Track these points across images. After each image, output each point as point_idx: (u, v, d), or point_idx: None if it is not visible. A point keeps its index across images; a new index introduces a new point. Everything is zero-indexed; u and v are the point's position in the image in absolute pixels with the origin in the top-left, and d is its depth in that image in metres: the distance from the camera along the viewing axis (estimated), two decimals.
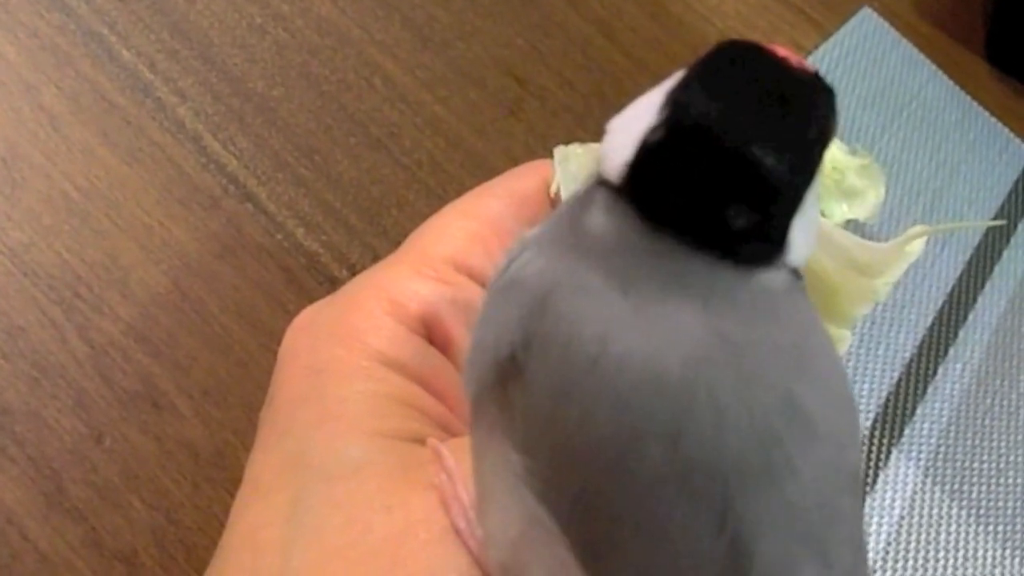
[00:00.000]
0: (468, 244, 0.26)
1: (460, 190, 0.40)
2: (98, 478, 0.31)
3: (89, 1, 0.39)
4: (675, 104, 0.17)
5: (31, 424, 0.31)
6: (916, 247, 0.25)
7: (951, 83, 0.55)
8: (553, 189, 0.27)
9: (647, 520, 0.16)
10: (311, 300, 0.26)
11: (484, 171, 0.41)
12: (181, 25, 0.40)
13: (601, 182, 0.17)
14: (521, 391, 0.17)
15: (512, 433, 0.17)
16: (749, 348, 0.16)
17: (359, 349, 0.24)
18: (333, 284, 0.37)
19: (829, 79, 0.17)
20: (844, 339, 0.27)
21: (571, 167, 0.27)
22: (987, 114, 0.55)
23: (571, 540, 0.16)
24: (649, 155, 0.16)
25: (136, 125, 0.37)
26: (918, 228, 0.27)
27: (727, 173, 0.16)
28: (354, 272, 0.37)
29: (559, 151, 0.27)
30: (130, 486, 0.31)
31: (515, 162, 0.42)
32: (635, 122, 0.17)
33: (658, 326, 0.16)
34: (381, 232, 0.39)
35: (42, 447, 0.31)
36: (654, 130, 0.17)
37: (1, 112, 0.36)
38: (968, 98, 0.55)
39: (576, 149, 0.28)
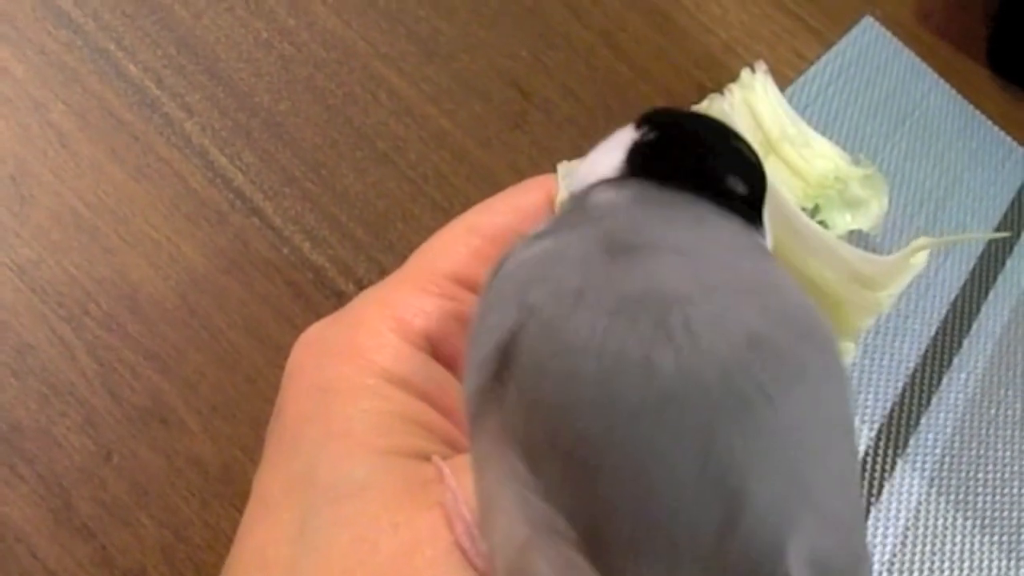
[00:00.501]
0: (472, 260, 0.26)
1: (466, 203, 0.41)
2: (107, 495, 0.31)
3: (96, 18, 0.40)
4: (650, 120, 0.22)
5: (40, 441, 0.31)
6: (920, 259, 0.25)
7: (953, 92, 0.55)
8: (557, 204, 0.27)
9: (632, 467, 0.16)
10: (318, 314, 0.26)
11: (490, 184, 0.41)
12: (187, 40, 0.40)
13: (586, 189, 0.21)
14: (514, 374, 0.17)
15: (511, 433, 0.17)
16: (723, 289, 0.17)
17: (364, 367, 0.24)
18: (340, 298, 0.37)
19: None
20: (848, 351, 0.27)
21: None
22: (989, 123, 0.55)
23: (577, 531, 0.16)
24: (647, 146, 0.21)
25: (144, 141, 0.38)
26: (921, 240, 0.27)
27: (724, 154, 0.21)
28: (360, 286, 0.37)
29: (563, 167, 0.28)
30: (139, 503, 0.31)
31: (520, 175, 0.42)
32: (599, 156, 0.22)
33: (633, 272, 0.17)
34: (387, 246, 0.39)
35: (51, 464, 0.31)
36: (645, 135, 0.21)
37: (9, 129, 0.36)
38: (970, 107, 0.55)
39: (579, 165, 0.28)
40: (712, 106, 0.26)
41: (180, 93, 0.39)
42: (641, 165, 0.21)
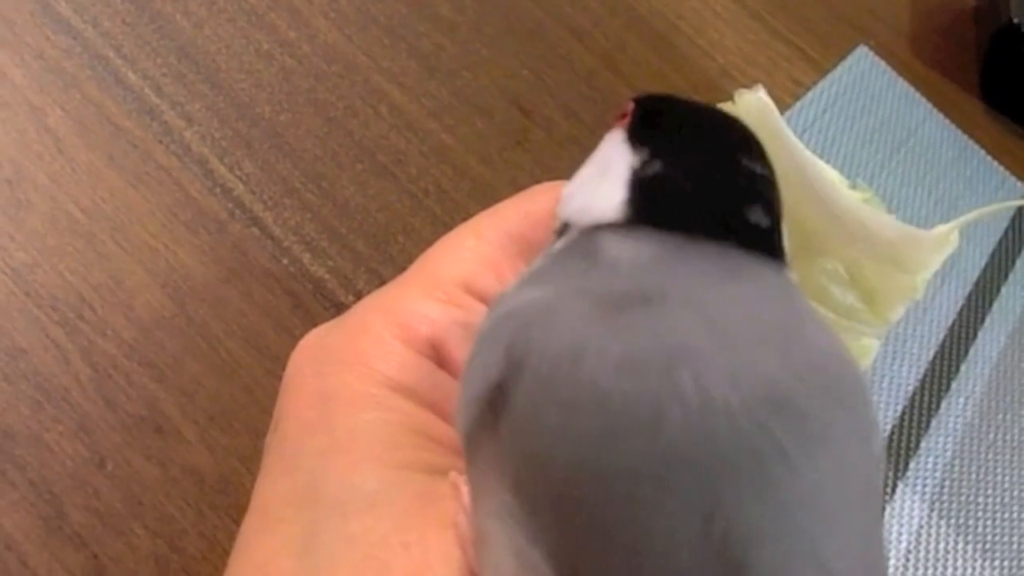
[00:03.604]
0: (479, 267, 0.25)
1: (467, 218, 0.40)
2: (100, 504, 0.30)
3: (96, 24, 0.39)
4: (647, 140, 0.20)
5: (32, 448, 0.31)
6: (955, 237, 0.25)
7: (947, 121, 0.56)
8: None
9: (628, 527, 0.15)
10: (317, 326, 0.25)
11: (491, 200, 0.40)
12: (188, 49, 0.40)
13: (589, 229, 0.19)
14: (507, 418, 0.16)
15: (502, 469, 0.17)
16: (740, 341, 0.16)
17: (367, 375, 0.23)
18: (339, 309, 0.36)
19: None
20: (871, 350, 0.26)
21: None
22: (983, 152, 0.55)
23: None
24: (652, 185, 0.19)
25: (142, 148, 0.37)
26: (949, 225, 0.26)
27: (739, 182, 0.19)
28: (360, 298, 0.37)
29: None
30: (133, 512, 0.31)
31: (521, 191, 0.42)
32: (596, 185, 0.20)
33: (640, 326, 0.16)
34: (388, 259, 0.38)
35: (43, 471, 0.30)
36: (645, 166, 0.19)
37: (7, 134, 0.36)
38: (964, 136, 0.55)
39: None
40: (743, 98, 0.26)
41: (180, 102, 0.39)
42: (648, 209, 0.19)
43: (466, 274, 0.25)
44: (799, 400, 0.15)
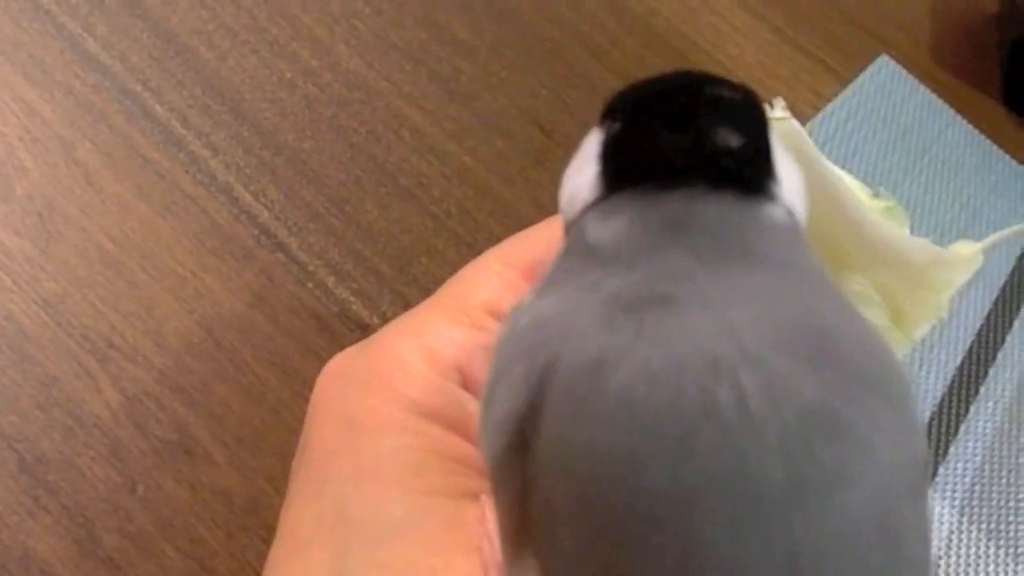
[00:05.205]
0: (505, 292, 0.25)
1: (489, 238, 0.41)
2: (132, 527, 0.31)
3: (124, 60, 0.40)
4: (613, 108, 0.18)
5: (65, 473, 0.31)
6: (979, 256, 0.25)
7: (970, 127, 0.55)
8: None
9: (676, 562, 0.14)
10: (343, 348, 0.26)
11: (512, 220, 0.42)
12: (213, 81, 0.41)
13: (578, 219, 0.18)
14: (535, 447, 0.16)
15: (528, 507, 0.16)
16: (765, 342, 0.15)
17: (393, 399, 0.23)
18: (365, 331, 0.37)
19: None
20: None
21: None
22: (1008, 157, 0.55)
23: None
24: (615, 146, 0.18)
25: (169, 179, 0.38)
26: (966, 244, 0.26)
27: (701, 110, 0.17)
28: (385, 319, 0.37)
29: None
30: (164, 535, 0.31)
31: (543, 210, 0.43)
32: (578, 170, 0.19)
33: (662, 339, 0.15)
34: (411, 280, 0.39)
35: (76, 496, 0.31)
36: (608, 129, 0.18)
37: (37, 168, 0.37)
38: (988, 142, 0.55)
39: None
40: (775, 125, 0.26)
41: (205, 132, 0.40)
42: (616, 173, 0.17)
43: (492, 298, 0.25)
44: (839, 411, 0.15)
